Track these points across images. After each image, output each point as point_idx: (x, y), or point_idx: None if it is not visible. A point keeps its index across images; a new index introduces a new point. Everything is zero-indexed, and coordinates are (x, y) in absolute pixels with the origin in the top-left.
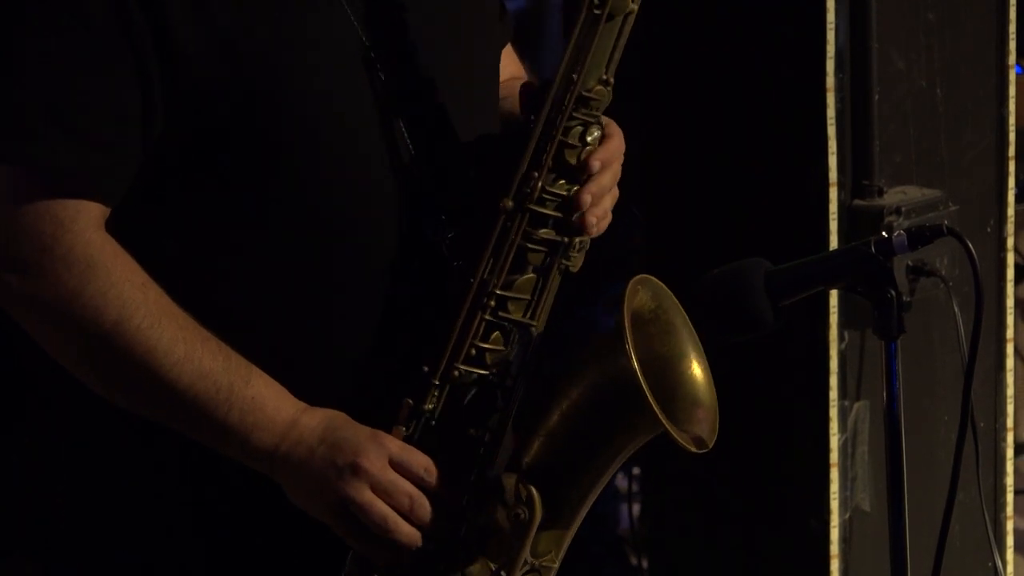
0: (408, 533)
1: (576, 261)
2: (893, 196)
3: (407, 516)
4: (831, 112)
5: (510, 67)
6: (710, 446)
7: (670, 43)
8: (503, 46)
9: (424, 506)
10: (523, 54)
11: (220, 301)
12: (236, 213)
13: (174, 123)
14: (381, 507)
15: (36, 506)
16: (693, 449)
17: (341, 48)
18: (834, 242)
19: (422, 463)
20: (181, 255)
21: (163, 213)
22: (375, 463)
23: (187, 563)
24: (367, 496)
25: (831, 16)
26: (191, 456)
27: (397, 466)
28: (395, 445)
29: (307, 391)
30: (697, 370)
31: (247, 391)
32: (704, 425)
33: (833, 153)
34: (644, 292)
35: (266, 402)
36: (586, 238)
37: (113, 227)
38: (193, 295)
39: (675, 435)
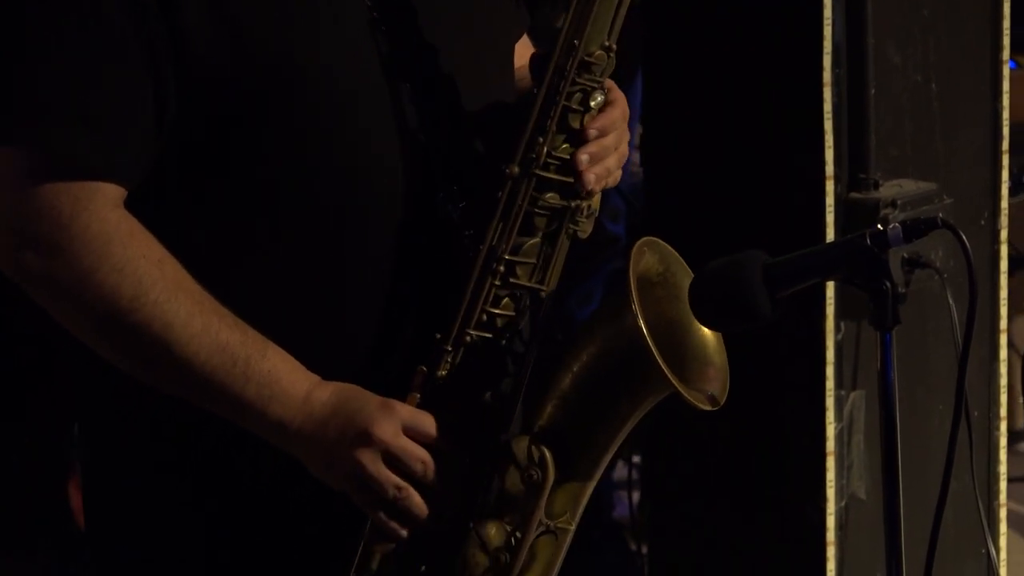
0: (419, 502)
1: (585, 227)
2: (889, 189)
3: (421, 480)
4: (828, 106)
5: (526, 56)
6: (721, 403)
7: (670, 38)
8: (519, 35)
9: (437, 470)
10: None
11: (236, 275)
12: (250, 190)
13: (187, 102)
14: (391, 477)
15: (46, 500)
16: (707, 407)
17: (351, 27)
18: (831, 235)
19: (433, 426)
20: (196, 232)
21: (180, 195)
22: (387, 431)
23: (197, 549)
24: (379, 468)
25: (828, 12)
26: (203, 439)
27: (409, 431)
28: (406, 411)
29: (322, 361)
30: (706, 331)
31: (263, 364)
32: (715, 383)
33: (830, 147)
34: (651, 255)
35: (281, 375)
36: (594, 203)
37: (131, 211)
38: (209, 269)
39: (684, 393)
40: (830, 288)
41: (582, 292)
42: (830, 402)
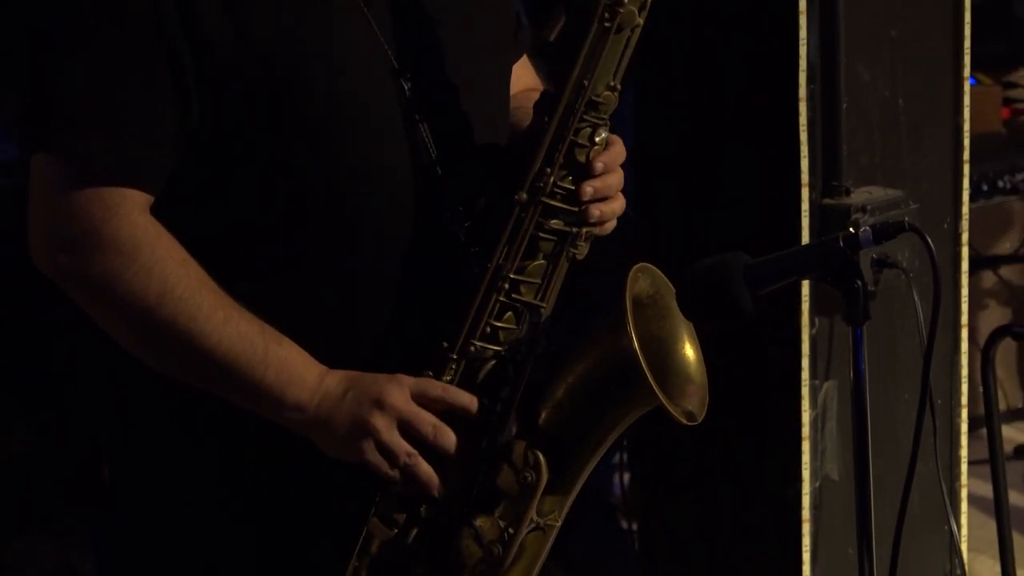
0: (426, 470)
1: (582, 250)
2: (859, 196)
3: (433, 443)
4: (803, 120)
5: (524, 78)
6: (700, 419)
7: (660, 58)
8: (517, 58)
9: (447, 433)
10: (537, 66)
11: (248, 282)
12: (265, 203)
13: (207, 118)
14: (403, 444)
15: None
16: (684, 422)
17: (363, 50)
18: (806, 237)
19: (438, 388)
20: (215, 243)
21: (199, 202)
22: (398, 397)
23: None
24: (392, 435)
25: (803, 33)
26: (222, 430)
27: (417, 397)
28: (411, 380)
29: (337, 363)
30: (689, 351)
31: (281, 351)
32: (695, 400)
33: (805, 157)
34: (644, 279)
35: (297, 362)
36: (592, 229)
37: (155, 215)
38: (226, 279)
39: (669, 408)
40: (805, 286)
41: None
42: (805, 391)
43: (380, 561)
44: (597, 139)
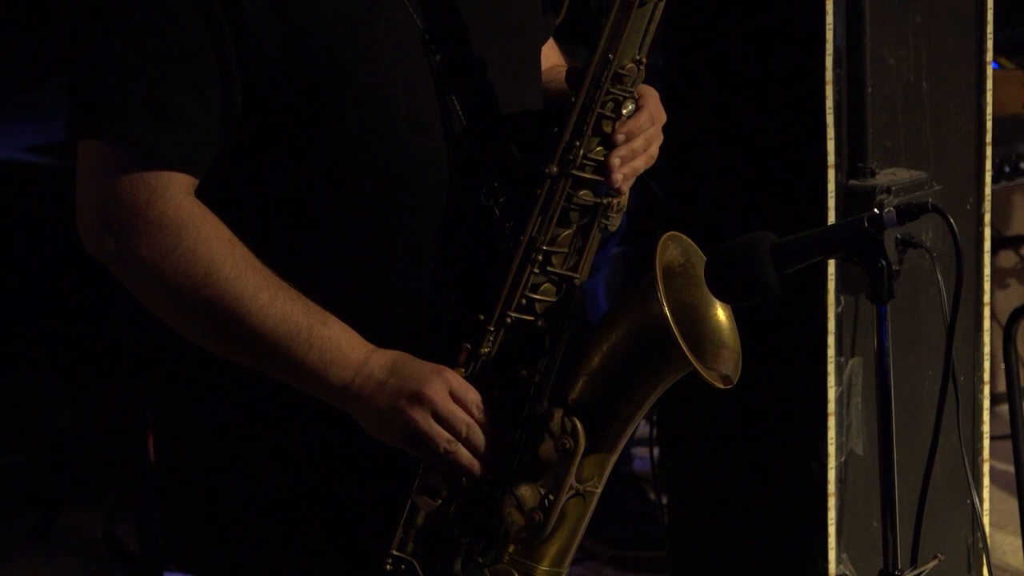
0: (467, 456)
1: (614, 221)
2: (884, 177)
3: (464, 441)
4: (829, 103)
5: (552, 57)
6: (735, 382)
7: (688, 47)
8: (546, 38)
9: (478, 433)
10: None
11: (292, 258)
12: (308, 183)
13: (251, 104)
14: (442, 432)
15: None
16: (720, 385)
17: (400, 32)
18: (832, 218)
19: (476, 398)
20: (258, 223)
21: (240, 185)
22: (439, 393)
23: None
24: (430, 423)
25: (830, 18)
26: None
27: (456, 399)
28: (456, 380)
29: (376, 338)
30: (722, 316)
31: (324, 331)
32: (729, 364)
33: (831, 139)
34: (674, 247)
35: (341, 341)
36: (623, 200)
37: (200, 199)
38: (270, 257)
39: (703, 372)
40: (831, 265)
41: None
42: (831, 368)
43: (425, 531)
44: (624, 111)
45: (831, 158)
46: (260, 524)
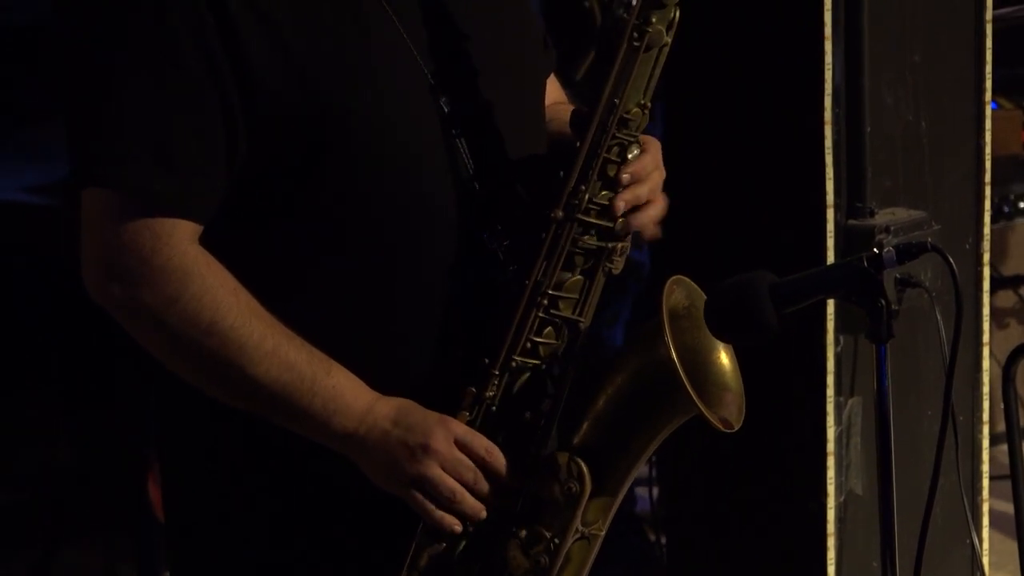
0: (472, 504)
1: (618, 264)
2: (883, 217)
3: (471, 489)
4: (828, 143)
5: (553, 93)
6: (736, 427)
7: (689, 84)
8: (548, 74)
9: (483, 481)
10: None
11: (299, 306)
12: (311, 226)
13: (255, 148)
14: (450, 481)
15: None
16: (723, 429)
17: (407, 78)
18: (831, 257)
19: (484, 444)
20: (263, 267)
21: (244, 228)
22: (443, 443)
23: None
24: (437, 471)
25: (828, 58)
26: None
27: (462, 446)
28: (460, 428)
29: (380, 382)
30: (725, 359)
31: (328, 380)
32: (732, 408)
33: (830, 179)
34: (679, 291)
35: (345, 390)
36: (627, 244)
37: (204, 244)
38: (274, 301)
39: (708, 416)
40: (831, 305)
41: (609, 314)
42: (830, 407)
43: (429, 573)
44: (629, 155)
45: (830, 198)
46: (266, 566)
